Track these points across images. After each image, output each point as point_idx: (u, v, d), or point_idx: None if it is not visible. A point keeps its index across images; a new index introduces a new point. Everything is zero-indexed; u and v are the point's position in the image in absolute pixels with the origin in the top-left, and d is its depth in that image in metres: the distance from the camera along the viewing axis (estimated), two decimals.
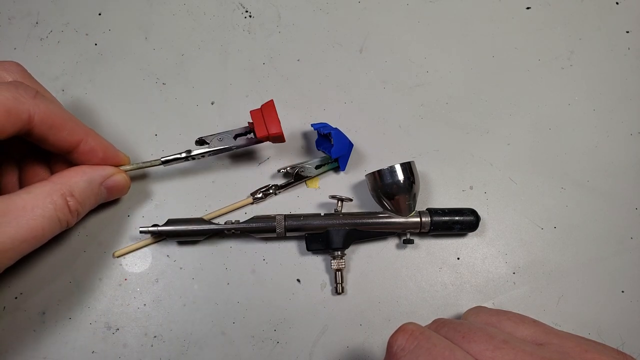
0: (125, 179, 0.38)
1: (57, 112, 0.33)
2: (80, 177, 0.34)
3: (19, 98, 0.30)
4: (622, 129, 0.46)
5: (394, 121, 0.45)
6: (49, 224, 0.32)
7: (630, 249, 0.42)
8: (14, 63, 0.34)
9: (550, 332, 0.27)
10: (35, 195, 0.31)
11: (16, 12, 0.46)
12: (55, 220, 0.32)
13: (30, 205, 0.31)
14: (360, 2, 0.49)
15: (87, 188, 0.34)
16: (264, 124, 0.37)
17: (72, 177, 0.34)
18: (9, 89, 0.30)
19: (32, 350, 0.37)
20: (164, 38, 0.46)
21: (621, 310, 0.41)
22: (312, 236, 0.39)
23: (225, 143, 0.39)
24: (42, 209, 0.31)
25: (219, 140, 0.39)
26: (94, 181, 0.35)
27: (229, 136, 0.39)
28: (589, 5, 0.50)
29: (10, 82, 0.32)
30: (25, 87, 0.31)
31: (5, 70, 0.33)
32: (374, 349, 0.39)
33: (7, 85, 0.30)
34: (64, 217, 0.33)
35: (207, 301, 0.39)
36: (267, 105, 0.38)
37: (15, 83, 0.31)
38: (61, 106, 0.34)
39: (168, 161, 0.39)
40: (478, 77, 0.47)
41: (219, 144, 0.39)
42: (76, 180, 0.34)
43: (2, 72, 0.33)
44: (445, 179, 0.44)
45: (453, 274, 0.41)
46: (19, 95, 0.30)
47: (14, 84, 0.31)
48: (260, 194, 0.41)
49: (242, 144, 0.39)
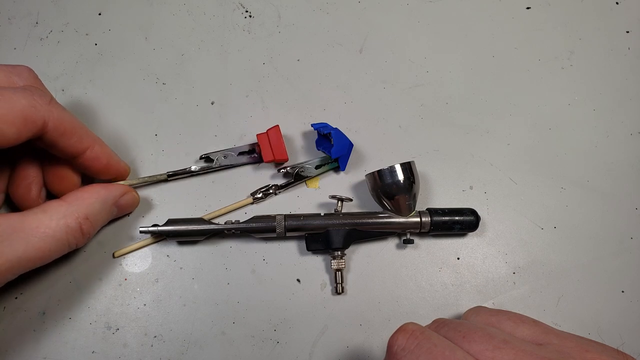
0: (136, 198, 0.39)
1: (69, 119, 0.33)
2: (95, 198, 0.34)
3: (35, 105, 0.30)
4: (622, 129, 0.46)
5: (394, 121, 0.45)
6: (58, 247, 0.32)
7: (630, 249, 0.42)
8: (25, 68, 0.34)
9: (550, 332, 0.27)
10: (50, 216, 0.31)
11: (16, 12, 0.46)
12: (64, 244, 0.32)
13: (44, 226, 0.31)
14: (360, 2, 0.49)
15: (101, 210, 0.35)
16: (271, 149, 0.40)
17: (86, 199, 0.34)
18: (25, 96, 0.30)
19: (32, 350, 0.37)
20: (164, 38, 0.46)
21: (621, 310, 0.41)
22: (312, 236, 0.39)
23: (230, 161, 0.42)
24: (54, 230, 0.31)
25: (223, 157, 0.42)
26: (107, 202, 0.35)
27: (232, 154, 0.42)
28: (589, 5, 0.50)
29: (26, 87, 0.32)
30: (40, 93, 0.31)
31: (17, 75, 0.33)
32: (374, 349, 0.39)
33: (24, 92, 0.30)
34: (74, 240, 0.33)
35: (207, 301, 0.39)
36: (273, 130, 0.41)
37: (30, 89, 0.31)
38: (71, 114, 0.34)
39: (173, 176, 0.41)
40: (478, 77, 0.47)
41: (223, 162, 0.42)
42: (91, 202, 0.34)
43: (14, 76, 0.33)
44: (445, 179, 0.44)
45: (453, 274, 0.41)
46: (35, 101, 0.30)
47: (29, 90, 0.31)
48: (260, 194, 0.41)
49: (246, 162, 0.42)
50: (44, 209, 0.32)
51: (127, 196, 0.38)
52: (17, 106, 0.29)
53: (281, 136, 0.40)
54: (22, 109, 0.29)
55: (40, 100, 0.31)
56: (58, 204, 0.33)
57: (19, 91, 0.30)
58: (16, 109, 0.29)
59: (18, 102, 0.29)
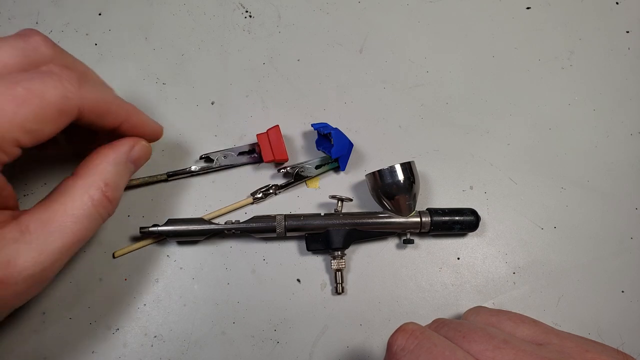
0: (147, 146, 0.36)
1: (102, 98, 0.31)
2: (106, 162, 0.32)
3: (67, 94, 0.28)
4: (622, 129, 0.46)
5: (394, 121, 0.45)
6: (92, 223, 0.30)
7: (630, 249, 0.42)
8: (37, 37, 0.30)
9: (550, 332, 0.27)
10: (72, 196, 0.29)
11: (16, 12, 0.46)
12: (96, 217, 0.31)
13: (70, 209, 0.29)
14: (360, 2, 0.49)
15: (117, 171, 0.32)
16: (271, 149, 0.40)
17: (98, 166, 0.31)
18: (55, 86, 0.27)
19: (32, 351, 0.36)
20: (164, 38, 0.46)
21: (621, 310, 0.41)
22: (312, 236, 0.39)
23: (230, 161, 0.42)
24: (82, 209, 0.29)
25: (223, 157, 0.42)
26: (120, 161, 0.33)
27: (232, 154, 0.42)
28: (589, 5, 0.50)
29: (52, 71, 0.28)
30: (69, 77, 0.29)
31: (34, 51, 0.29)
32: (374, 349, 0.39)
33: (53, 80, 0.28)
34: (105, 210, 0.31)
35: (207, 301, 0.39)
36: (273, 130, 0.40)
37: (58, 72, 0.28)
38: (103, 85, 0.32)
39: (173, 176, 0.41)
40: (478, 77, 0.47)
41: (223, 162, 0.42)
42: (104, 166, 0.31)
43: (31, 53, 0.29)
44: (445, 179, 0.44)
45: (453, 274, 0.41)
46: (66, 90, 0.28)
47: (58, 75, 0.28)
48: (260, 194, 0.41)
49: (246, 162, 0.42)
50: (61, 191, 0.30)
51: (137, 148, 0.34)
52: (50, 101, 0.27)
53: (281, 136, 0.40)
54: (56, 104, 0.27)
55: (71, 86, 0.28)
56: (73, 181, 0.30)
57: (48, 80, 0.27)
58: (51, 105, 0.27)
59: (51, 96, 0.27)
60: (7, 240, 0.27)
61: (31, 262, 0.27)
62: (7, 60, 0.28)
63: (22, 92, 0.26)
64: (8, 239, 0.27)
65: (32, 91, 0.27)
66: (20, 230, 0.27)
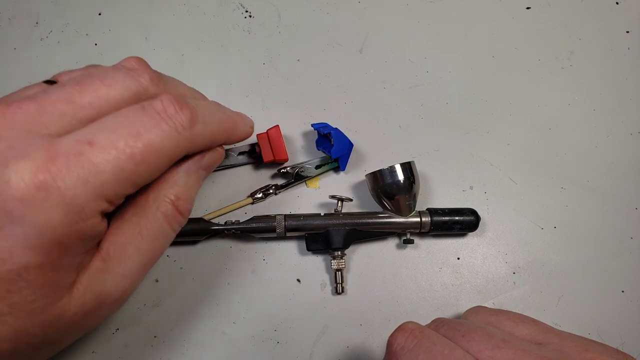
0: (219, 151, 0.34)
1: (210, 132, 0.30)
2: (178, 173, 0.30)
3: (180, 143, 0.27)
4: (622, 129, 0.46)
5: (394, 121, 0.45)
6: (166, 239, 0.30)
7: (630, 249, 0.42)
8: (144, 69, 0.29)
9: (549, 332, 0.27)
10: (145, 214, 0.28)
11: (16, 12, 0.46)
12: (170, 232, 0.30)
13: (145, 228, 0.28)
14: (360, 2, 0.49)
15: (188, 182, 0.31)
16: (271, 149, 0.40)
17: (169, 177, 0.30)
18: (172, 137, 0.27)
19: None
20: (164, 38, 0.46)
21: (621, 310, 0.41)
22: (312, 236, 0.39)
23: (230, 161, 0.42)
24: (155, 227, 0.29)
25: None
26: (192, 171, 0.31)
27: (232, 154, 0.42)
28: (589, 5, 0.50)
29: (161, 116, 0.27)
30: (180, 121, 0.27)
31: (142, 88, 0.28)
32: (374, 349, 0.39)
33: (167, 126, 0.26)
34: (177, 223, 0.30)
35: (207, 301, 0.39)
36: (273, 130, 0.40)
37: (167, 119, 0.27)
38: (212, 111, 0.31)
39: None
40: (478, 77, 0.47)
41: (223, 162, 0.41)
42: (175, 178, 0.30)
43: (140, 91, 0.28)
44: (445, 179, 0.44)
45: (453, 274, 0.41)
46: (180, 139, 0.27)
47: (166, 122, 0.27)
48: (260, 194, 0.41)
49: (246, 162, 0.42)
50: (135, 208, 0.28)
51: (209, 155, 0.32)
52: (165, 154, 0.27)
53: (281, 136, 0.40)
54: (169, 156, 0.27)
55: (183, 131, 0.27)
56: (144, 196, 0.29)
57: (164, 127, 0.26)
58: (164, 159, 0.27)
59: (165, 148, 0.26)
60: (94, 271, 0.27)
61: (114, 288, 0.27)
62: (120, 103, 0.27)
63: (141, 148, 0.25)
64: (94, 270, 0.27)
65: (150, 147, 0.26)
66: (102, 258, 0.27)
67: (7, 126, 0.24)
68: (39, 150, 0.23)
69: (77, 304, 0.26)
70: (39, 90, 0.27)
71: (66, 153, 0.23)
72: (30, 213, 0.22)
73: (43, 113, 0.25)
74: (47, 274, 0.24)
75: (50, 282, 0.24)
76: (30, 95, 0.25)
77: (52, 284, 0.24)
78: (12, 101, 0.25)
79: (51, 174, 0.23)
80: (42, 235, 0.23)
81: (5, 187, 0.22)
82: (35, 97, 0.25)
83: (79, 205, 0.24)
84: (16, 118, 0.24)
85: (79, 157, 0.24)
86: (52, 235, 0.23)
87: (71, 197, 0.23)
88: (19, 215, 0.22)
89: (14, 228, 0.22)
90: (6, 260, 0.22)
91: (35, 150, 0.23)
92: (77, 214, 0.24)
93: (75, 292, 0.26)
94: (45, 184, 0.23)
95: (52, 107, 0.25)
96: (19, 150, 0.23)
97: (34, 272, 0.23)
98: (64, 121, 0.25)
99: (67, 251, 0.24)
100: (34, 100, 0.25)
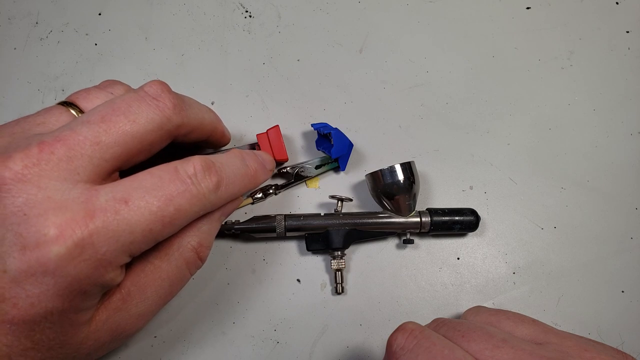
0: (240, 200, 0.35)
1: (232, 190, 0.31)
2: (200, 220, 0.31)
3: (205, 207, 0.29)
4: (622, 129, 0.46)
5: (394, 121, 0.45)
6: (183, 282, 0.32)
7: (630, 249, 0.42)
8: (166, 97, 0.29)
9: (549, 331, 0.27)
10: (167, 259, 0.30)
11: (16, 12, 0.46)
12: (188, 276, 0.32)
13: (166, 272, 0.30)
14: (360, 2, 0.49)
15: (210, 229, 0.32)
16: (271, 149, 0.40)
17: (192, 224, 0.31)
18: (198, 202, 0.28)
19: None
20: (164, 38, 0.46)
21: (621, 310, 0.41)
22: (312, 236, 0.39)
23: None
24: (176, 273, 0.30)
25: None
26: (215, 218, 0.32)
27: None
28: (589, 5, 0.50)
29: (191, 181, 0.28)
30: (208, 187, 0.29)
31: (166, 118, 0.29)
32: (374, 349, 0.39)
33: (192, 194, 0.28)
34: (196, 268, 0.32)
35: (207, 301, 0.39)
36: (273, 130, 0.40)
37: (196, 184, 0.28)
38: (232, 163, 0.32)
39: None
40: (478, 77, 0.47)
41: None
42: (198, 225, 0.31)
43: (164, 121, 0.29)
44: (445, 179, 0.44)
45: (453, 274, 0.41)
46: (206, 203, 0.29)
47: (195, 187, 0.28)
48: (260, 194, 0.41)
49: None
50: (159, 251, 0.30)
51: (231, 203, 0.33)
52: (190, 217, 0.29)
53: (281, 136, 0.40)
54: (194, 217, 0.29)
55: (209, 195, 0.29)
56: (170, 243, 0.30)
57: (190, 196, 0.28)
58: (189, 220, 0.29)
59: (191, 212, 0.28)
60: (112, 309, 0.28)
61: (129, 327, 0.29)
62: (145, 136, 0.28)
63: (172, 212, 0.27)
64: (113, 309, 0.28)
65: (179, 211, 0.27)
66: (122, 298, 0.28)
67: (43, 175, 0.24)
68: (76, 205, 0.24)
69: (93, 338, 0.27)
70: (62, 125, 0.27)
71: (103, 209, 0.24)
72: (64, 266, 0.23)
73: (73, 158, 0.25)
74: (69, 315, 0.25)
75: (71, 322, 0.25)
76: (57, 134, 0.26)
77: (72, 323, 0.26)
78: (44, 141, 0.25)
79: (89, 231, 0.24)
80: (70, 286, 0.24)
81: (43, 240, 0.23)
82: (64, 139, 0.25)
83: (107, 260, 0.25)
84: (50, 166, 0.25)
85: (116, 216, 0.24)
86: (79, 285, 0.24)
87: (102, 254, 0.24)
88: (52, 267, 0.23)
89: (46, 277, 0.23)
90: (35, 304, 0.24)
91: (72, 205, 0.24)
92: (104, 268, 0.25)
93: (92, 327, 0.27)
94: (82, 241, 0.24)
95: (81, 151, 0.25)
96: (56, 202, 0.24)
97: (57, 315, 0.24)
98: (93, 164, 0.26)
99: (87, 296, 0.25)
100: (63, 143, 0.25)
